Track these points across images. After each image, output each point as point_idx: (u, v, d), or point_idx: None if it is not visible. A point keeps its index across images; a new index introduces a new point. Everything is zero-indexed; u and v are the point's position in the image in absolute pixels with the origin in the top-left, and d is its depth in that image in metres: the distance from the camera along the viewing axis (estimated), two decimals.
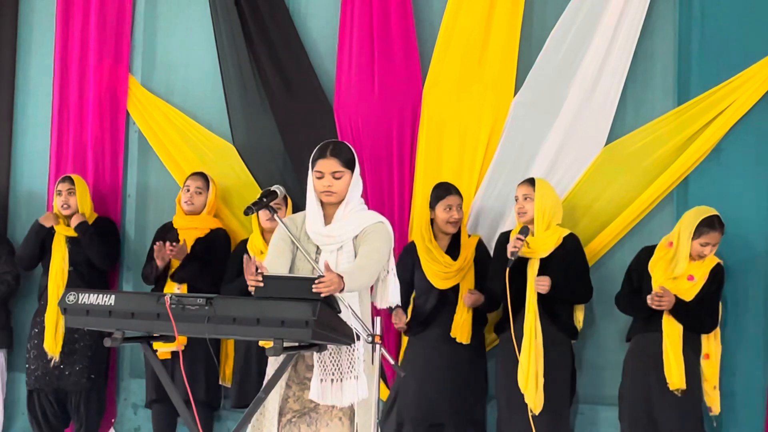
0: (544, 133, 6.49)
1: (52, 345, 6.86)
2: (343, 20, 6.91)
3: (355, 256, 4.55)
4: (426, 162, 6.67)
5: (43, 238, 7.02)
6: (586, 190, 6.42)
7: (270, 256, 4.61)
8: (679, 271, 5.84)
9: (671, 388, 5.74)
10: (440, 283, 6.25)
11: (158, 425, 6.78)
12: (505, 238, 6.19)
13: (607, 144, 6.40)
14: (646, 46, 6.38)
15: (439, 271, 6.25)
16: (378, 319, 4.27)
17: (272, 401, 4.53)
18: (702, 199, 6.00)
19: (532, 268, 6.05)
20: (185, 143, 7.23)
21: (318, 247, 4.62)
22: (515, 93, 6.56)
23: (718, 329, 5.91)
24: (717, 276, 5.89)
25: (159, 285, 6.69)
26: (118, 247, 7.24)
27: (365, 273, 4.47)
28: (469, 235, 6.42)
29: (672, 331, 5.81)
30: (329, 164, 4.58)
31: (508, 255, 5.94)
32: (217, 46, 7.18)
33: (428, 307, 6.28)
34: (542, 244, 6.07)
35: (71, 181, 7.09)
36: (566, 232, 6.13)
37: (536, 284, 5.97)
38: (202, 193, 6.84)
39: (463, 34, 6.65)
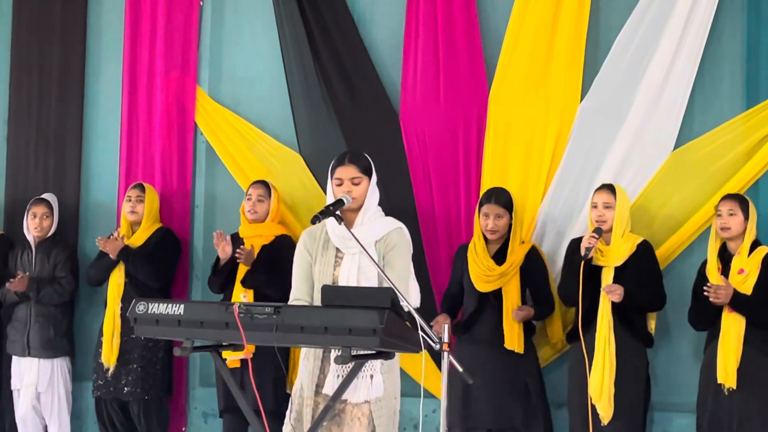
0: (611, 138, 6.45)
1: (108, 355, 6.94)
2: (408, 28, 6.92)
3: (377, 260, 4.64)
4: (492, 168, 6.65)
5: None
6: (654, 195, 6.37)
7: (295, 283, 4.81)
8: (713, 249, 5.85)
9: (726, 385, 5.64)
10: (481, 285, 6.23)
11: None
12: (575, 244, 6.15)
13: (675, 149, 6.35)
14: (713, 49, 6.32)
15: (482, 273, 6.24)
16: (446, 326, 4.26)
17: (305, 411, 4.65)
18: None
19: (606, 277, 6.01)
20: (252, 153, 7.27)
21: (337, 252, 4.72)
22: (581, 98, 6.53)
23: None
24: None
25: (228, 290, 6.73)
26: (172, 262, 7.25)
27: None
28: (523, 242, 6.39)
29: (729, 327, 5.70)
30: (348, 171, 4.74)
31: (582, 253, 5.91)
32: (283, 56, 7.22)
33: (470, 310, 6.29)
34: (617, 252, 6.02)
35: (142, 188, 7.19)
36: (639, 239, 6.08)
37: (608, 293, 5.90)
38: (264, 200, 6.87)
39: (529, 40, 6.63)
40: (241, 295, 6.61)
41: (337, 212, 4.59)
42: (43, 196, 7.49)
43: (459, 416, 6.14)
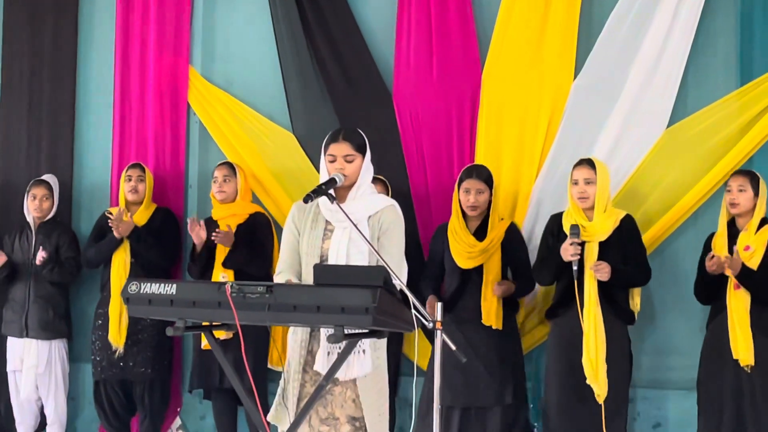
0: (604, 116, 6.44)
1: (116, 336, 6.91)
2: (401, 7, 6.90)
3: (371, 236, 4.64)
4: (486, 147, 6.64)
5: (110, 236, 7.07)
6: (648, 173, 6.36)
7: (281, 255, 4.79)
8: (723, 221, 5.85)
9: (741, 364, 5.65)
10: (463, 262, 6.20)
11: (219, 414, 6.84)
12: (553, 223, 6.14)
13: (669, 126, 6.34)
14: (707, 26, 6.31)
15: (463, 250, 6.21)
16: (439, 305, 4.25)
17: (291, 387, 4.63)
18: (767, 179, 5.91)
19: (591, 253, 5.91)
20: (245, 133, 7.25)
21: (327, 225, 4.70)
22: (575, 76, 6.52)
23: None
24: None
25: (207, 273, 6.72)
26: (177, 241, 7.27)
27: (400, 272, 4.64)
28: (502, 219, 6.36)
29: (737, 305, 5.69)
30: (341, 148, 4.70)
31: (568, 260, 5.86)
32: (276, 35, 7.19)
33: (453, 288, 6.26)
34: (600, 227, 5.96)
35: (141, 168, 7.17)
36: (623, 213, 6.03)
37: (595, 271, 5.83)
38: (230, 180, 6.88)
39: (522, 18, 6.61)
40: (221, 276, 6.60)
41: (330, 191, 4.59)
42: (44, 177, 7.44)
43: (447, 396, 6.09)
